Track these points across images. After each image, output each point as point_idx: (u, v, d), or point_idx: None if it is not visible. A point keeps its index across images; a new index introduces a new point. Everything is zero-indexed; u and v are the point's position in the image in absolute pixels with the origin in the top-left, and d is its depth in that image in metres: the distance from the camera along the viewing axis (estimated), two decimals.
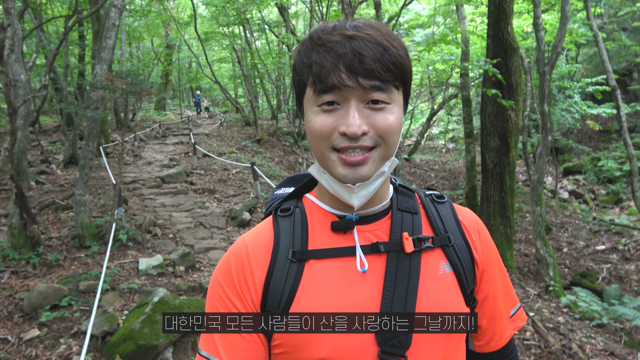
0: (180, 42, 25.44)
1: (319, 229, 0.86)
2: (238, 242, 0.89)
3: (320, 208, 0.89)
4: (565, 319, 4.76)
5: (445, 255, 0.87)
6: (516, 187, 13.00)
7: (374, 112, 0.76)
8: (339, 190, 0.81)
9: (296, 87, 0.83)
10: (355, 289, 0.80)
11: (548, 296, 5.67)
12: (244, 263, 0.84)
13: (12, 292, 4.30)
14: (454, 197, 15.37)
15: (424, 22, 22.83)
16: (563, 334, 4.28)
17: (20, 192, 4.83)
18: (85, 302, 4.18)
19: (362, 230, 0.85)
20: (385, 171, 0.81)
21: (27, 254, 4.94)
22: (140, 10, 18.83)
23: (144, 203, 7.95)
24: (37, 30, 10.00)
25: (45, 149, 11.78)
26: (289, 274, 0.81)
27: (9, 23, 4.07)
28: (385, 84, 0.75)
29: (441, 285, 0.84)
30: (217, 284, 0.85)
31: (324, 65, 0.74)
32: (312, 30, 0.81)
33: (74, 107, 5.58)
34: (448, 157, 23.85)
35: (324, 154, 0.79)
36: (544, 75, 5.90)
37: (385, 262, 0.82)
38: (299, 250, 0.83)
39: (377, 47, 0.74)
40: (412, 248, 0.82)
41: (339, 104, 0.76)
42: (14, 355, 3.49)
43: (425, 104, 30.25)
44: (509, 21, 7.32)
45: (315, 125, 0.78)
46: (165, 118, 23.73)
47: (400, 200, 0.90)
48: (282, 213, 0.90)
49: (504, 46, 7.32)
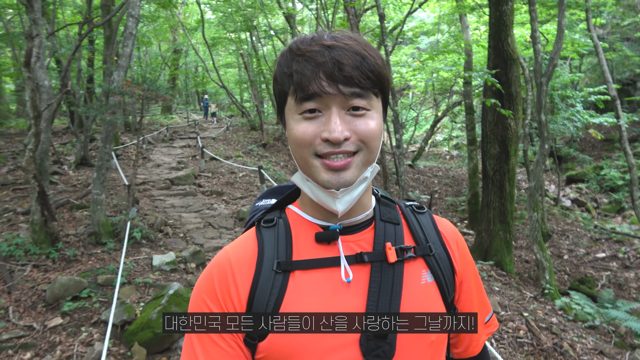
0: (188, 47, 25.81)
1: (303, 239, 0.87)
2: (221, 255, 0.88)
3: (304, 219, 0.89)
4: (559, 320, 4.98)
5: (426, 264, 0.88)
6: (516, 193, 13.21)
7: (355, 118, 0.78)
8: (322, 197, 0.82)
9: (277, 98, 0.85)
10: (340, 298, 0.81)
11: (544, 299, 5.88)
12: (228, 276, 0.83)
13: (35, 284, 4.57)
14: (457, 203, 15.56)
15: (429, 29, 23.13)
16: (555, 334, 4.50)
17: (42, 190, 5.10)
18: (104, 294, 4.45)
19: (346, 241, 0.86)
20: (368, 177, 0.83)
21: (47, 249, 5.21)
22: (149, 16, 19.20)
23: (154, 204, 8.22)
24: (51, 36, 10.32)
25: (57, 150, 12.08)
26: (274, 285, 0.81)
27: (36, 33, 4.37)
28: (365, 91, 0.77)
29: (423, 295, 0.85)
30: (200, 299, 0.84)
31: (304, 74, 0.76)
32: (292, 42, 0.83)
33: (94, 111, 5.87)
34: (452, 163, 24.01)
35: (307, 160, 0.80)
36: (541, 86, 6.15)
37: (369, 272, 0.83)
38: (283, 261, 0.83)
39: (355, 55, 0.77)
40: (395, 258, 0.84)
41: (320, 111, 0.78)
42: (39, 340, 3.75)
43: (429, 110, 30.51)
44: (508, 32, 7.58)
45: (297, 133, 0.79)
46: (172, 121, 24.05)
47: (383, 211, 0.92)
48: (265, 224, 0.90)
49: (504, 57, 7.58)
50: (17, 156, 11.19)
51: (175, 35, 26.14)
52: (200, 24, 19.43)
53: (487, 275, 6.77)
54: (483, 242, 8.26)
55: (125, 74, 5.60)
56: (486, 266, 7.36)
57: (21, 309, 4.21)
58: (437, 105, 27.01)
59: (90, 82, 14.42)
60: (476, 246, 8.47)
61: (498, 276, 6.90)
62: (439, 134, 30.00)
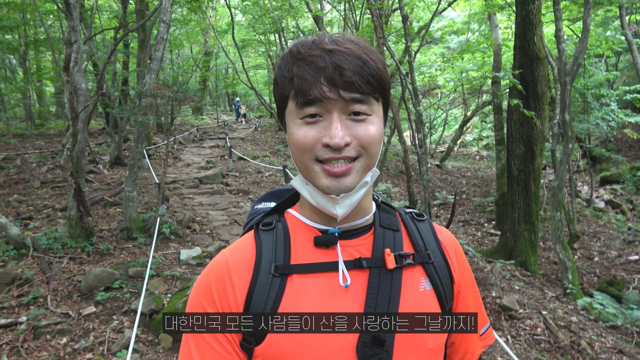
0: (218, 49, 26.34)
1: (302, 243, 0.86)
2: (219, 258, 0.88)
3: (303, 222, 0.89)
4: (579, 319, 4.95)
5: (425, 272, 0.87)
6: (546, 194, 12.96)
7: (356, 124, 0.78)
8: (321, 201, 0.82)
9: (277, 101, 0.85)
10: (337, 303, 0.81)
11: (566, 299, 5.84)
12: (225, 279, 0.83)
13: (71, 275, 4.88)
14: (485, 204, 15.39)
15: (459, 28, 22.90)
16: (574, 332, 4.49)
17: (79, 187, 5.42)
18: (134, 285, 4.71)
19: (344, 246, 0.86)
20: (368, 181, 0.82)
21: (82, 243, 5.53)
22: (181, 20, 19.74)
23: (183, 202, 8.53)
24: (88, 41, 10.81)
25: (92, 150, 12.62)
26: (271, 289, 0.81)
27: (75, 39, 4.67)
28: (366, 96, 0.77)
29: (421, 302, 0.85)
30: (197, 302, 0.84)
31: (305, 79, 0.76)
32: (292, 45, 0.82)
33: (127, 113, 6.18)
34: (481, 164, 23.68)
35: (307, 165, 0.79)
36: (565, 85, 6.10)
37: (368, 278, 0.83)
38: (281, 265, 0.83)
39: (356, 60, 0.76)
40: (394, 264, 0.83)
41: (321, 116, 0.77)
42: (74, 327, 4.02)
43: (459, 110, 30.17)
44: (535, 32, 7.52)
45: (298, 138, 0.79)
46: (202, 122, 24.62)
47: (383, 217, 0.92)
48: (264, 227, 0.89)
49: (530, 56, 7.52)
50: (56, 155, 11.77)
51: (206, 37, 26.76)
52: (230, 26, 19.83)
53: (511, 275, 6.74)
54: (507, 242, 8.21)
55: (157, 76, 5.87)
56: (510, 266, 7.33)
57: (58, 298, 4.51)
58: (466, 105, 26.73)
59: (125, 85, 14.97)
60: (500, 246, 8.42)
61: (522, 276, 6.87)
62: (468, 134, 29.63)
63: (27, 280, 4.70)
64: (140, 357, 3.61)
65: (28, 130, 16.49)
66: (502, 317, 4.66)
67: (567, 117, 6.16)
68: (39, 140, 14.39)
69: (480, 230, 12.91)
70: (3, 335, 3.89)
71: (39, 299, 4.44)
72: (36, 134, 15.96)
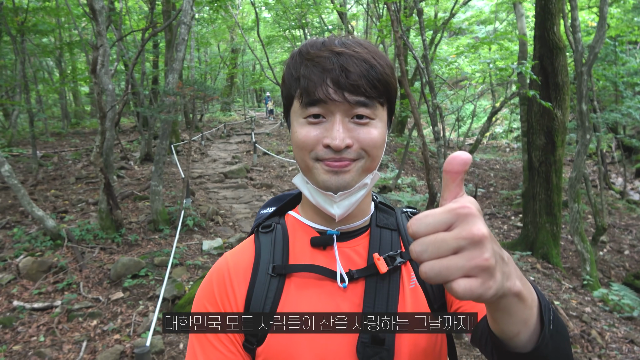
0: (244, 46, 26.74)
1: (300, 244, 0.88)
2: (220, 261, 0.90)
3: (302, 223, 0.90)
4: (593, 309, 4.97)
5: (413, 269, 0.88)
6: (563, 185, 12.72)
7: (358, 127, 0.78)
8: (320, 199, 0.82)
9: (284, 99, 0.86)
10: (336, 303, 0.82)
11: (583, 290, 5.83)
12: (225, 281, 0.85)
13: (102, 264, 5.23)
14: (512, 197, 15.21)
15: (486, 18, 22.52)
16: (585, 322, 4.52)
17: (108, 182, 5.77)
18: (159, 273, 5.02)
19: (341, 247, 0.86)
20: (367, 183, 0.82)
21: (112, 234, 5.89)
22: (207, 18, 20.18)
23: (208, 195, 8.86)
24: (118, 42, 11.27)
25: (124, 147, 13.15)
26: (269, 289, 0.82)
27: (101, 43, 4.99)
28: (370, 100, 0.77)
29: (412, 298, 0.85)
30: (201, 303, 0.86)
31: (311, 79, 0.77)
32: (302, 45, 0.83)
33: (150, 111, 6.51)
34: (510, 156, 23.27)
35: (308, 163, 0.80)
36: (582, 75, 6.05)
37: (365, 279, 0.83)
38: (279, 265, 0.84)
39: (363, 63, 0.76)
40: (386, 267, 0.83)
41: (325, 117, 0.78)
42: (104, 311, 4.34)
43: (487, 101, 29.67)
44: (555, 21, 7.44)
45: (300, 136, 0.80)
46: (230, 118, 25.10)
47: (380, 217, 0.92)
48: (263, 230, 0.91)
49: (549, 46, 7.45)
50: (90, 153, 12.33)
51: (233, 35, 27.17)
52: (256, 23, 20.16)
53: (530, 267, 6.75)
54: (529, 234, 8.17)
55: (179, 76, 6.15)
56: (531, 258, 7.32)
57: (90, 284, 4.86)
58: (494, 97, 26.26)
59: (155, 83, 15.48)
60: (522, 238, 8.39)
61: (542, 268, 6.86)
62: (498, 126, 29.11)
63: (62, 268, 5.08)
64: (163, 338, 3.89)
65: (64, 129, 17.28)
66: None
67: (584, 108, 6.12)
68: (75, 139, 15.08)
69: (506, 223, 12.79)
70: (40, 318, 4.25)
71: (72, 285, 4.81)
72: (72, 132, 16.72)
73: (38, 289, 4.77)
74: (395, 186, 12.21)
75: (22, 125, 17.20)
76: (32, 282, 4.91)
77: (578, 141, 9.53)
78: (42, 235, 5.77)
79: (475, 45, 8.56)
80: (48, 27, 11.63)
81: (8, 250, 5.59)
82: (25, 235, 5.93)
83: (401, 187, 12.62)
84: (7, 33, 9.84)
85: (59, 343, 3.89)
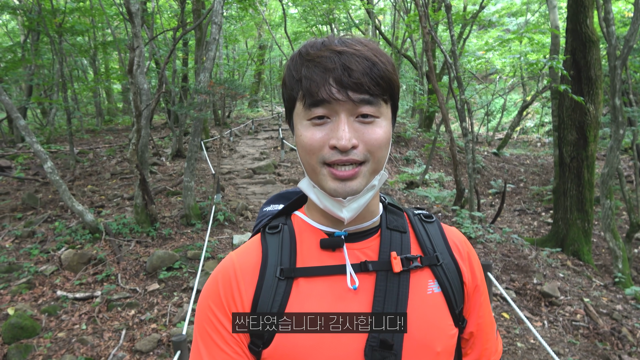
0: (272, 42, 26.96)
1: (308, 246, 0.86)
2: (226, 261, 0.88)
3: (309, 225, 0.89)
4: (624, 307, 4.90)
5: (433, 274, 0.86)
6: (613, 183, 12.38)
7: (363, 126, 0.77)
8: (328, 204, 0.81)
9: (286, 102, 0.84)
10: (344, 306, 0.80)
11: (615, 288, 5.74)
12: (232, 282, 0.83)
13: (138, 257, 5.46)
14: (543, 193, 14.93)
15: (517, 10, 22.05)
16: (616, 319, 4.47)
17: (143, 178, 5.99)
18: (192, 266, 5.20)
19: (350, 248, 0.85)
20: (376, 185, 0.82)
21: (147, 228, 6.12)
22: (235, 16, 20.43)
23: (237, 191, 9.05)
24: (150, 41, 11.57)
25: (156, 143, 13.51)
26: (277, 292, 0.81)
27: (137, 45, 5.19)
28: (375, 98, 0.76)
29: (429, 305, 0.84)
30: (206, 304, 0.85)
31: (313, 80, 0.76)
32: (301, 46, 0.82)
33: (183, 109, 6.71)
34: (541, 151, 22.78)
35: (315, 167, 0.79)
36: (615, 69, 5.93)
37: (374, 281, 0.82)
38: (287, 268, 0.83)
39: (365, 61, 0.76)
40: (401, 267, 0.82)
41: (329, 117, 0.77)
42: (141, 301, 4.55)
43: (518, 95, 29.06)
44: (588, 14, 7.28)
45: (305, 139, 0.79)
46: (258, 115, 25.35)
47: (390, 219, 0.91)
48: (270, 230, 0.89)
49: (582, 39, 7.31)
50: (123, 149, 12.73)
51: (260, 31, 27.43)
52: (283, 19, 20.30)
53: (560, 264, 6.67)
54: (560, 230, 8.05)
55: (210, 75, 6.31)
56: (561, 255, 7.22)
57: (127, 276, 5.09)
58: (525, 90, 25.71)
59: (185, 81, 15.78)
60: (552, 235, 8.27)
61: (573, 265, 6.77)
62: (529, 121, 28.50)
63: (101, 260, 5.32)
64: None
65: (99, 126, 17.85)
66: (541, 304, 4.71)
67: (617, 102, 6.00)
68: (109, 135, 15.57)
69: (536, 219, 12.60)
70: (82, 307, 4.49)
71: (110, 277, 5.05)
72: (106, 129, 17.26)
73: (79, 279, 5.02)
74: (423, 182, 12.16)
75: (58, 123, 17.87)
76: (73, 273, 5.17)
77: (611, 136, 9.33)
78: (81, 229, 6.05)
79: (506, 40, 8.44)
80: (83, 28, 12.03)
81: (50, 242, 5.90)
82: (66, 229, 6.23)
83: (428, 183, 12.57)
84: (46, 34, 10.24)
85: (100, 331, 4.10)
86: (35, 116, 19.16)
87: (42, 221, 6.69)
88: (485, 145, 22.39)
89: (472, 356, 0.94)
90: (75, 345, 3.89)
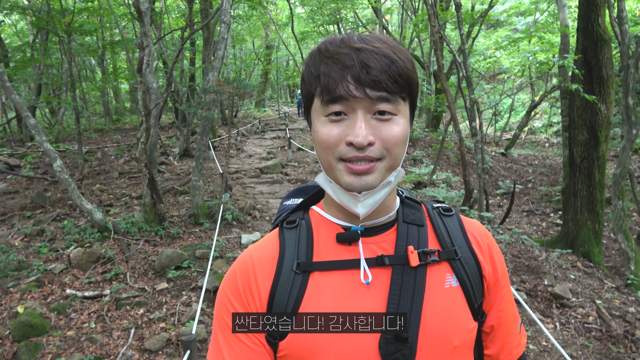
0: (279, 42, 26.97)
1: (324, 240, 0.87)
2: (244, 254, 0.90)
3: (326, 219, 0.90)
4: (638, 309, 4.83)
5: (451, 268, 0.86)
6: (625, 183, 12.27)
7: (380, 123, 0.77)
8: (344, 199, 0.82)
9: (304, 98, 0.85)
10: (359, 300, 0.81)
11: (627, 290, 5.67)
12: (250, 274, 0.85)
13: (146, 255, 5.46)
14: (552, 193, 14.82)
15: (526, 9, 21.91)
16: (629, 322, 4.41)
17: (152, 177, 5.99)
18: (200, 265, 5.19)
19: (367, 243, 0.86)
20: (392, 181, 0.81)
21: (155, 227, 6.12)
22: (243, 16, 20.45)
23: (245, 190, 9.05)
24: (159, 41, 11.60)
25: (163, 143, 13.54)
26: (293, 286, 0.82)
27: (146, 44, 5.19)
28: (392, 95, 0.76)
29: (447, 299, 0.84)
30: (224, 295, 0.87)
31: (331, 76, 0.76)
32: (321, 43, 0.82)
33: (192, 108, 6.71)
34: (550, 151, 22.61)
35: (331, 163, 0.80)
36: (628, 68, 5.86)
37: (390, 276, 0.82)
38: (303, 262, 0.84)
39: (384, 59, 0.76)
40: (418, 262, 0.82)
41: (346, 114, 0.77)
42: (149, 300, 4.54)
43: (526, 95, 28.89)
44: (599, 12, 7.20)
45: (322, 135, 0.79)
46: (264, 114, 25.38)
47: (407, 213, 0.91)
48: (287, 225, 0.91)
49: (593, 38, 7.23)
50: (131, 148, 12.78)
51: (267, 31, 27.47)
52: (290, 19, 20.30)
53: (571, 265, 6.60)
54: (569, 231, 7.97)
55: (219, 74, 6.30)
56: (572, 256, 7.15)
57: (136, 275, 5.08)
58: (534, 90, 25.55)
59: (192, 80, 15.82)
60: (562, 236, 8.19)
61: (584, 267, 6.69)
62: (537, 121, 28.32)
63: (110, 259, 5.33)
64: (205, 327, 4.05)
65: (106, 125, 17.95)
66: (553, 305, 4.66)
67: (630, 102, 5.93)
68: (116, 135, 15.64)
69: (545, 220, 12.49)
70: (91, 305, 4.49)
71: (119, 275, 5.05)
72: (114, 128, 17.35)
73: (88, 278, 5.03)
74: (430, 182, 12.10)
75: (66, 122, 17.96)
76: (82, 272, 5.18)
77: (623, 136, 9.22)
78: (90, 228, 6.06)
79: (516, 39, 8.36)
80: (92, 27, 12.09)
81: (59, 241, 5.91)
82: (75, 227, 6.25)
83: (436, 183, 12.50)
84: (55, 34, 10.29)
85: (109, 329, 4.10)
86: (43, 115, 19.29)
87: (51, 220, 6.71)
88: (493, 146, 22.26)
89: (493, 349, 0.93)
90: (84, 343, 3.89)
